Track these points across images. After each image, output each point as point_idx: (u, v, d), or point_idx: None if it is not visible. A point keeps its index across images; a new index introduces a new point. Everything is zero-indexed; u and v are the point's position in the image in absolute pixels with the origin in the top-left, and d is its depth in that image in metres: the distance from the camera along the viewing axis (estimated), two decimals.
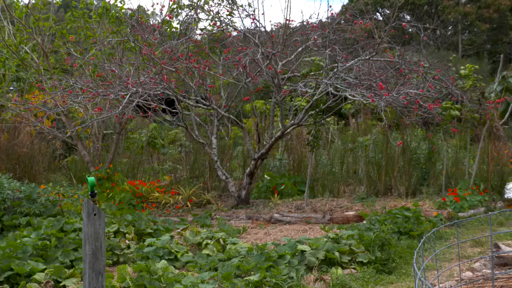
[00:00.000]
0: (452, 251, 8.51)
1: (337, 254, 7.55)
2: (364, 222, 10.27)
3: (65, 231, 8.66)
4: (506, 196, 13.20)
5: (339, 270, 7.19)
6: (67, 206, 10.81)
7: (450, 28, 54.27)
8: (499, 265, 6.70)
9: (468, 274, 6.19)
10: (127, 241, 8.93)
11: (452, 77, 13.38)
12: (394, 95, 11.22)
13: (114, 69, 12.94)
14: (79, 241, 8.08)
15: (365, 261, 7.73)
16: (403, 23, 13.95)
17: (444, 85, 12.45)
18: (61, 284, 6.81)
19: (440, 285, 5.79)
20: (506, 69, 20.07)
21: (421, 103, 11.41)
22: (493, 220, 11.18)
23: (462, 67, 14.84)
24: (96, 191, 4.61)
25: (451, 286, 5.72)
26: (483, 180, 13.31)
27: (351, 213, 11.76)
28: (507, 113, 17.46)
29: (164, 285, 6.59)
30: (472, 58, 41.12)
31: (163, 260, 7.56)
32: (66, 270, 7.09)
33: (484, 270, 6.38)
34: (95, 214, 4.03)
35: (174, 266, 7.71)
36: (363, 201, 13.13)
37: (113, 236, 9.05)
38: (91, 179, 4.70)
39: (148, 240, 8.59)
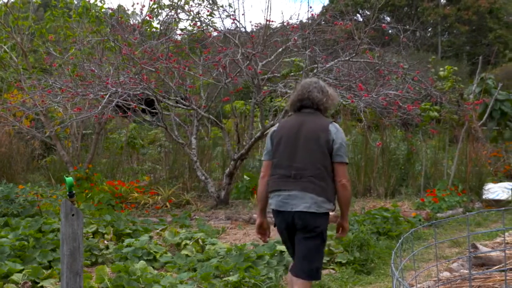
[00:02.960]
0: (430, 252, 8.56)
1: None
2: None
3: (43, 231, 8.61)
4: (484, 197, 13.29)
5: None
6: (46, 207, 10.76)
7: (429, 29, 54.63)
8: (476, 265, 6.75)
9: (446, 274, 6.23)
10: (105, 242, 8.90)
11: (431, 78, 13.46)
12: (374, 96, 11.27)
13: (93, 68, 12.88)
14: (57, 241, 8.04)
15: (343, 261, 7.76)
16: (383, 25, 14.02)
17: (423, 87, 12.53)
18: (39, 285, 6.77)
19: (418, 285, 5.83)
20: (485, 70, 20.20)
21: (401, 104, 11.47)
22: (471, 220, 11.25)
23: (441, 69, 14.96)
24: (74, 192, 4.60)
25: (429, 286, 5.75)
26: (461, 181, 13.40)
27: (330, 213, 11.76)
28: (486, 115, 17.58)
29: (143, 286, 6.57)
30: (452, 60, 41.36)
31: (141, 261, 7.55)
32: (44, 270, 7.05)
33: (461, 270, 6.43)
34: (73, 215, 4.01)
35: (153, 267, 7.68)
36: None
37: (91, 236, 9.01)
38: (69, 179, 4.69)
39: (127, 241, 8.56)
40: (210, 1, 16.34)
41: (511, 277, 5.33)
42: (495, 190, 13.66)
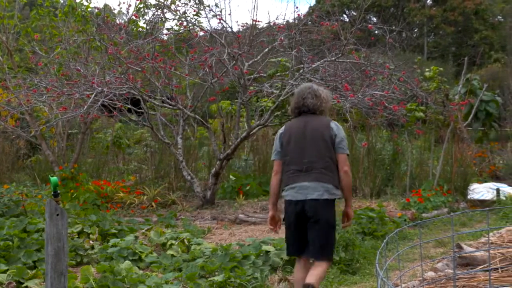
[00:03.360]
0: (415, 252, 8.58)
1: None
2: None
3: (28, 231, 8.57)
4: (469, 197, 13.35)
5: None
6: (31, 206, 10.71)
7: (416, 30, 54.81)
8: (461, 265, 6.78)
9: (431, 274, 6.25)
10: (91, 242, 8.86)
11: (417, 79, 13.50)
12: (360, 96, 11.29)
13: (79, 68, 12.82)
14: (42, 241, 8.00)
15: None
16: (369, 25, 14.04)
17: (409, 87, 12.56)
18: (23, 285, 6.75)
19: (403, 285, 5.84)
20: (470, 71, 20.31)
21: (386, 105, 11.49)
22: (456, 220, 11.30)
23: (427, 69, 15.00)
24: (59, 191, 4.58)
25: (414, 286, 5.77)
26: (446, 181, 13.45)
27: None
28: (471, 115, 17.67)
29: (128, 286, 6.56)
30: (437, 61, 41.47)
31: (127, 261, 7.53)
32: (28, 271, 7.03)
33: (446, 270, 6.45)
34: (57, 215, 4.00)
35: (138, 267, 7.67)
36: None
37: (77, 236, 8.98)
38: (54, 179, 4.67)
39: (112, 241, 8.54)
40: (197, 1, 16.32)
41: (495, 277, 5.36)
42: (480, 191, 13.73)
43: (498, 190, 13.34)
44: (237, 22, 43.68)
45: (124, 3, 34.23)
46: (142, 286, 6.47)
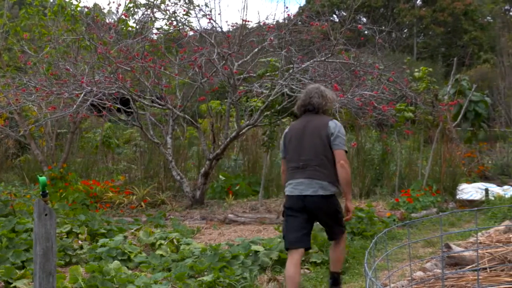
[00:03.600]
0: (404, 251, 8.60)
1: None
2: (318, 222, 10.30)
3: (17, 231, 8.55)
4: (458, 197, 13.40)
5: None
6: (19, 206, 10.68)
7: (405, 31, 54.87)
8: (450, 265, 6.78)
9: (420, 274, 6.26)
10: (80, 242, 8.85)
11: (407, 79, 13.50)
12: (349, 96, 11.30)
13: (68, 67, 12.80)
14: (30, 241, 7.98)
15: (318, 261, 7.79)
16: (359, 25, 14.03)
17: (398, 87, 12.56)
18: (12, 285, 6.73)
19: (392, 284, 5.85)
20: (460, 72, 20.40)
21: (376, 105, 11.50)
22: (445, 220, 11.33)
23: (416, 70, 15.00)
24: (47, 191, 4.58)
25: (402, 286, 5.78)
26: (435, 181, 13.49)
27: None
28: (460, 116, 17.70)
29: (117, 286, 6.55)
30: (427, 61, 41.52)
31: (116, 261, 7.51)
32: (17, 271, 7.01)
33: (435, 270, 6.46)
34: (46, 214, 3.99)
35: (127, 267, 7.65)
36: None
37: (65, 236, 8.96)
38: (42, 178, 4.67)
39: (101, 241, 8.53)
40: (186, 1, 16.35)
41: (484, 276, 5.38)
42: (469, 191, 13.79)
43: (486, 190, 13.40)
44: (227, 22, 43.60)
45: (113, 2, 33.87)
46: (131, 286, 6.46)
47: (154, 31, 15.99)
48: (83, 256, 8.31)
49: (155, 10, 15.40)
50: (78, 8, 15.91)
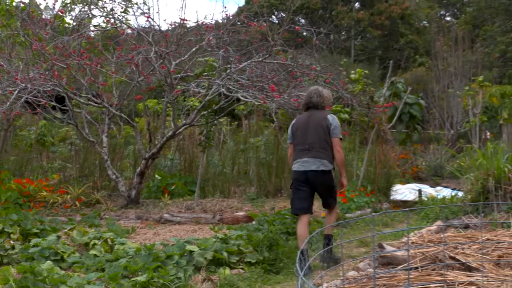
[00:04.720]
0: (338, 251, 8.69)
1: (225, 254, 7.59)
2: (254, 222, 10.34)
3: None
4: (392, 197, 13.62)
5: (227, 270, 7.23)
6: None
7: (343, 33, 55.44)
8: (383, 264, 6.88)
9: (353, 273, 6.34)
10: (11, 242, 8.70)
11: (343, 81, 13.64)
12: (286, 97, 11.39)
13: (2, 63, 12.58)
14: None
15: (253, 261, 7.80)
16: (297, 27, 14.11)
17: (335, 89, 12.68)
18: None
19: (325, 284, 5.91)
20: (395, 74, 20.73)
21: None
22: (379, 221, 11.49)
23: (352, 72, 15.19)
24: None
25: (335, 285, 5.84)
26: (370, 182, 13.66)
27: (241, 213, 11.83)
28: (395, 117, 18.01)
29: (49, 286, 6.46)
30: (364, 63, 42.00)
31: (48, 261, 7.40)
32: None
33: (368, 270, 6.55)
34: None
35: (60, 267, 7.54)
36: (253, 202, 13.20)
37: None
38: None
39: (34, 241, 8.39)
40: None
41: (415, 275, 5.48)
42: (403, 191, 14.03)
43: (420, 191, 13.67)
44: (165, 20, 43.34)
45: None
46: (63, 287, 6.38)
47: (91, 28, 15.79)
48: (14, 256, 8.17)
49: (92, 7, 15.27)
50: (13, 3, 15.61)
